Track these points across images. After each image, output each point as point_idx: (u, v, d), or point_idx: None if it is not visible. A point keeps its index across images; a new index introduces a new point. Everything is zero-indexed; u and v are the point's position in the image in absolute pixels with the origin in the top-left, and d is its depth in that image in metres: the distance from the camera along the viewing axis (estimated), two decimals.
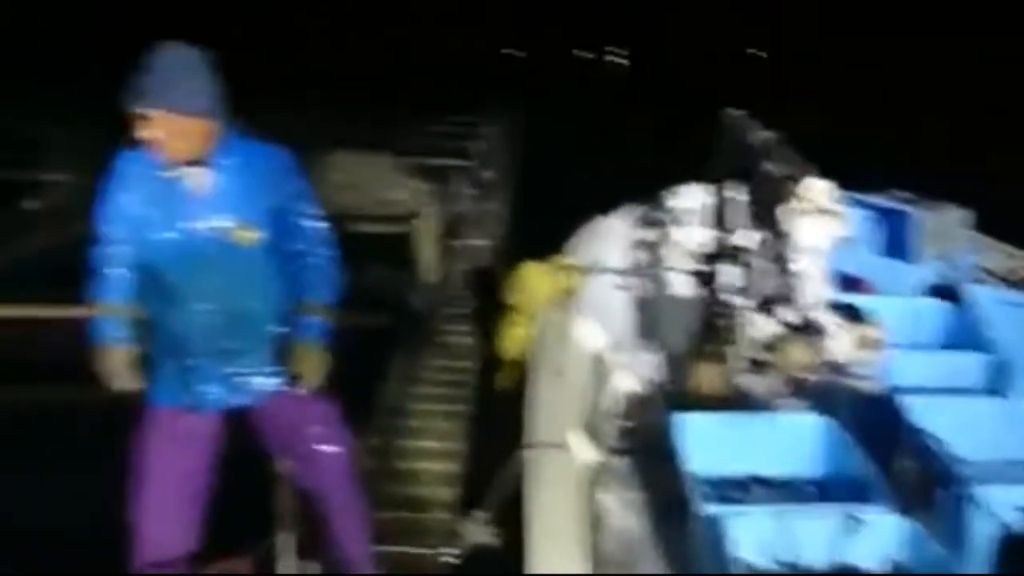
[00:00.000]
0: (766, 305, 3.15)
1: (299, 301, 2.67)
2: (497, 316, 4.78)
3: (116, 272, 2.74)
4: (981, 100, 21.45)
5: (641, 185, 5.23)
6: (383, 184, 10.73)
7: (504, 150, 16.13)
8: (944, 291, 4.19)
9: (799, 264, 3.01)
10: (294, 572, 3.13)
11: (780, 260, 3.04)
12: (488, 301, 6.49)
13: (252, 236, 2.60)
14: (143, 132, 2.49)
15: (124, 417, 2.88)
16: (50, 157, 11.70)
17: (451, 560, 3.60)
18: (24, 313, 7.02)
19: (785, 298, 3.00)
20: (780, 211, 3.04)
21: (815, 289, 3.02)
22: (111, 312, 2.73)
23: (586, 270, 4.23)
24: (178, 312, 2.67)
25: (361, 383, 5.46)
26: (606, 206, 5.05)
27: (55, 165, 11.62)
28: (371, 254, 9.78)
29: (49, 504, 4.02)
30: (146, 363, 2.80)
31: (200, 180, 2.57)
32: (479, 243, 9.31)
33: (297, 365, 2.58)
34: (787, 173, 3.04)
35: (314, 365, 2.60)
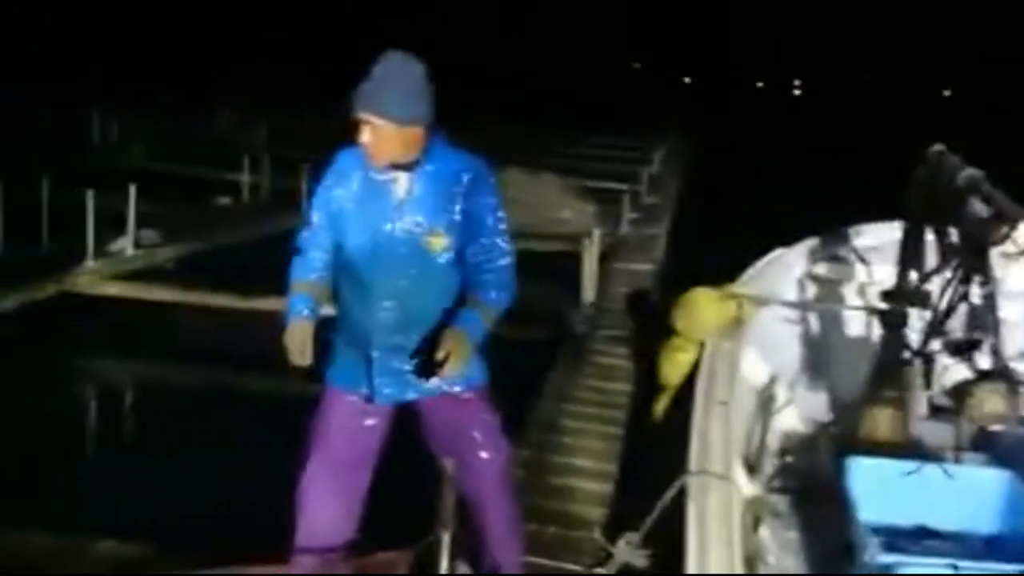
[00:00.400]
0: (960, 351, 3.00)
1: (468, 299, 2.72)
2: (657, 340, 4.75)
3: (313, 254, 2.86)
4: None
5: (817, 219, 5.11)
6: (551, 204, 10.88)
7: (671, 176, 16.04)
8: None
9: (1004, 310, 2.85)
10: (451, 572, 3.19)
11: (982, 305, 2.88)
12: (646, 325, 6.45)
13: (442, 242, 2.68)
14: (360, 135, 2.63)
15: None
16: (243, 160, 12.56)
17: None
18: (220, 302, 7.50)
19: (981, 344, 2.84)
20: (986, 253, 2.89)
21: (1017, 336, 2.86)
22: (302, 289, 2.83)
23: (758, 301, 4.15)
24: (364, 306, 2.79)
25: (517, 394, 5.54)
26: (776, 238, 4.95)
27: (247, 167, 12.49)
28: (535, 271, 9.91)
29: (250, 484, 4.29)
30: (331, 348, 2.94)
31: (402, 185, 2.68)
32: (641, 267, 9.26)
33: (444, 348, 2.55)
34: (996, 214, 2.89)
35: (459, 353, 2.55)
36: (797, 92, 34.62)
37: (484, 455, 2.97)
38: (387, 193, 2.69)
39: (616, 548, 3.49)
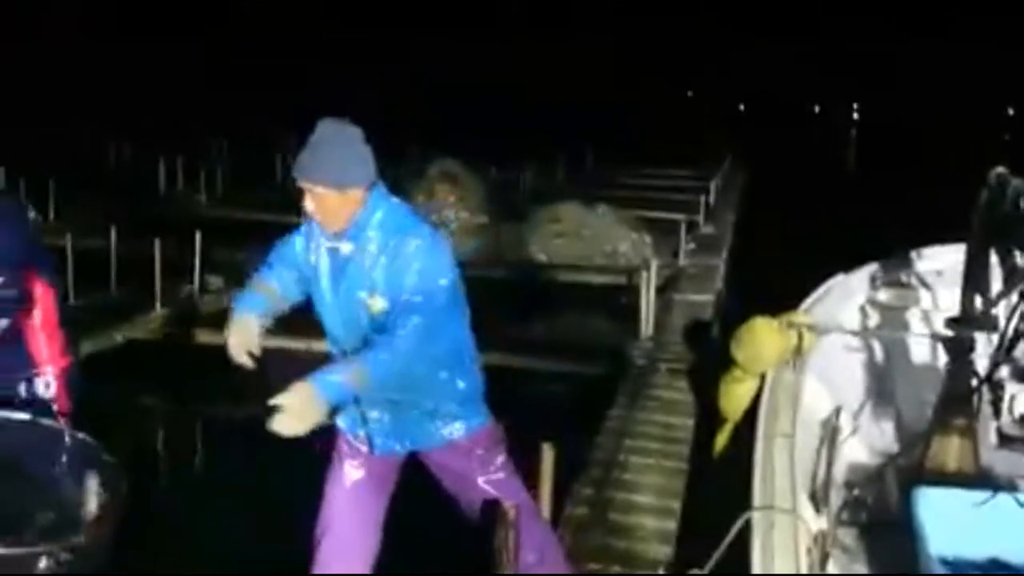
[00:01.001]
0: None
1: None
2: (717, 373, 4.70)
3: (277, 267, 2.91)
4: None
5: (876, 244, 5.03)
6: (607, 236, 10.89)
7: (728, 204, 15.91)
8: None
9: None
10: None
11: None
12: (706, 356, 6.38)
13: (380, 304, 2.70)
14: (303, 202, 2.70)
15: None
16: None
17: None
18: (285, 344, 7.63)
19: None
20: None
21: None
22: (256, 288, 2.89)
23: (819, 329, 4.09)
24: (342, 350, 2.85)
25: (578, 431, 5.51)
26: (837, 265, 4.88)
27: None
28: (592, 304, 9.96)
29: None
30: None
31: (345, 249, 2.73)
32: (699, 297, 9.18)
33: (283, 398, 2.44)
34: None
35: (295, 409, 2.44)
36: (856, 115, 34.16)
37: (494, 495, 2.96)
38: (334, 257, 2.77)
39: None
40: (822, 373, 4.00)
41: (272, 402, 2.41)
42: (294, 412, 2.43)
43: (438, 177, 11.58)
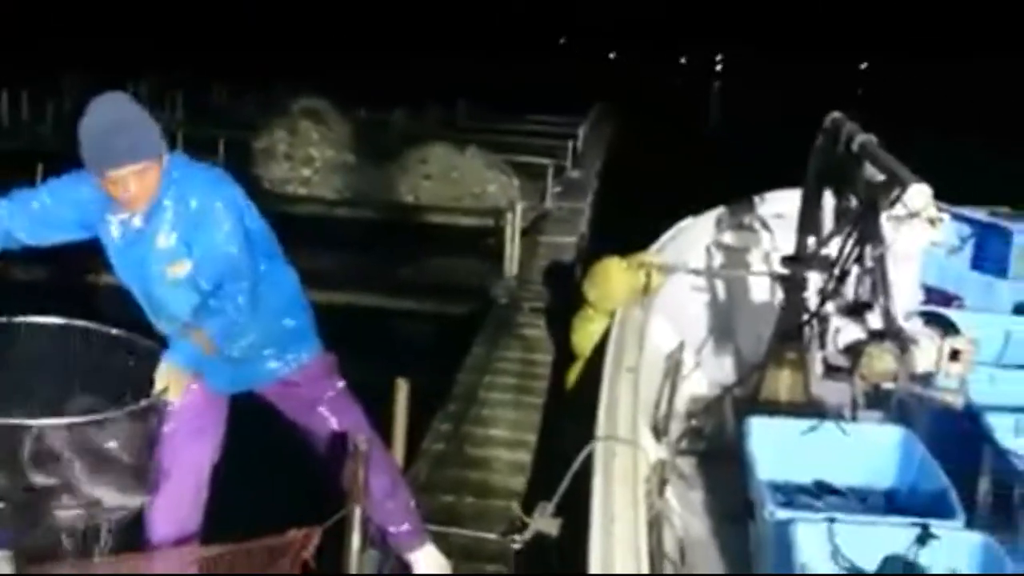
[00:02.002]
0: (854, 311, 3.08)
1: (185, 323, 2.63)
2: (573, 311, 4.79)
3: (14, 205, 2.66)
4: None
5: (733, 188, 5.20)
6: (475, 179, 10.88)
7: (595, 151, 16.12)
8: None
9: (893, 271, 2.92)
10: (363, 546, 3.19)
11: (874, 266, 2.96)
12: (566, 297, 6.51)
13: (183, 268, 2.62)
14: (111, 191, 2.54)
15: None
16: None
17: (516, 548, 3.61)
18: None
19: (874, 305, 2.92)
20: (878, 216, 2.97)
21: (906, 297, 2.94)
22: None
23: (667, 269, 4.21)
24: (157, 322, 2.76)
25: (439, 368, 5.55)
26: (694, 208, 5.03)
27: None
28: (459, 245, 9.98)
29: None
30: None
31: (139, 220, 2.61)
32: (564, 240, 9.32)
33: (159, 383, 2.43)
34: (888, 178, 2.96)
35: (175, 385, 2.45)
36: (719, 67, 35.09)
37: (337, 426, 2.98)
38: (126, 230, 2.65)
39: (532, 517, 3.53)
40: (669, 311, 4.14)
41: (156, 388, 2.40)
42: (174, 389, 2.43)
43: (301, 113, 11.24)
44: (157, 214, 2.60)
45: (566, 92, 21.57)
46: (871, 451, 3.10)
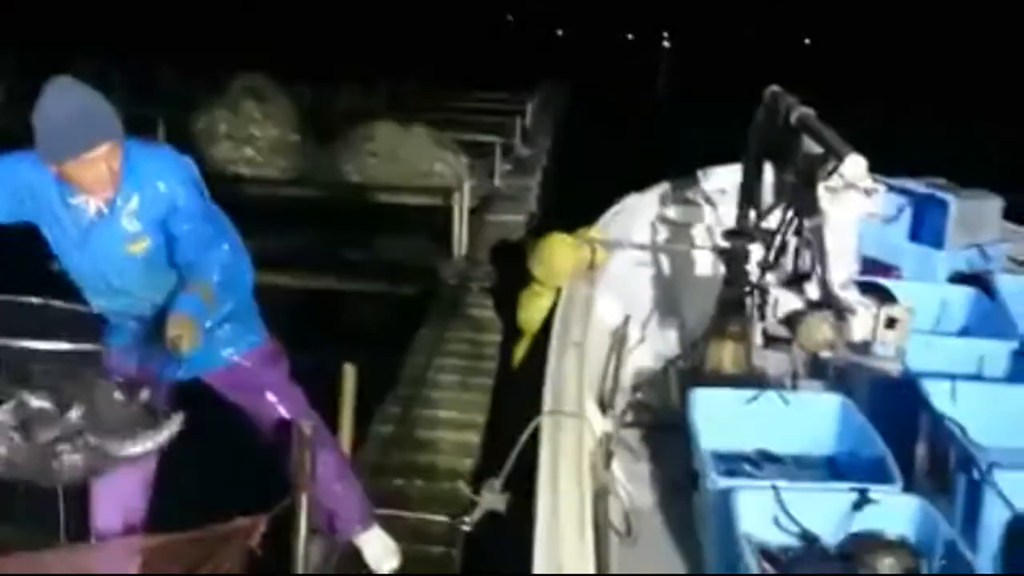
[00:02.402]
0: (793, 282, 3.12)
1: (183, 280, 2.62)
2: (521, 288, 4.80)
3: None
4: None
5: (681, 164, 5.23)
6: (422, 157, 10.79)
7: (544, 128, 16.10)
8: (973, 278, 4.14)
9: (830, 242, 2.97)
10: (310, 533, 3.18)
11: (811, 237, 2.99)
12: (515, 276, 6.52)
13: (144, 245, 2.63)
14: (72, 179, 2.52)
15: None
16: None
17: (466, 528, 3.62)
18: None
19: (812, 276, 2.96)
20: (815, 188, 3.00)
21: (843, 267, 2.98)
22: None
23: (612, 244, 4.23)
24: (104, 306, 2.71)
25: (387, 350, 5.52)
26: (643, 185, 5.05)
27: None
28: (407, 225, 9.90)
29: None
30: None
31: (94, 204, 2.60)
32: (513, 218, 9.31)
33: (172, 331, 2.45)
34: (824, 150, 3.00)
35: (190, 334, 2.46)
36: (666, 44, 35.26)
37: (284, 411, 2.97)
38: (80, 214, 2.62)
39: (480, 496, 3.55)
40: (614, 286, 4.16)
41: (169, 336, 2.41)
42: (191, 338, 2.44)
43: (243, 92, 11.03)
44: (121, 196, 2.59)
45: (514, 69, 21.50)
46: (811, 419, 3.16)
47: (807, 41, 33.96)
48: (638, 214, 4.64)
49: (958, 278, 4.23)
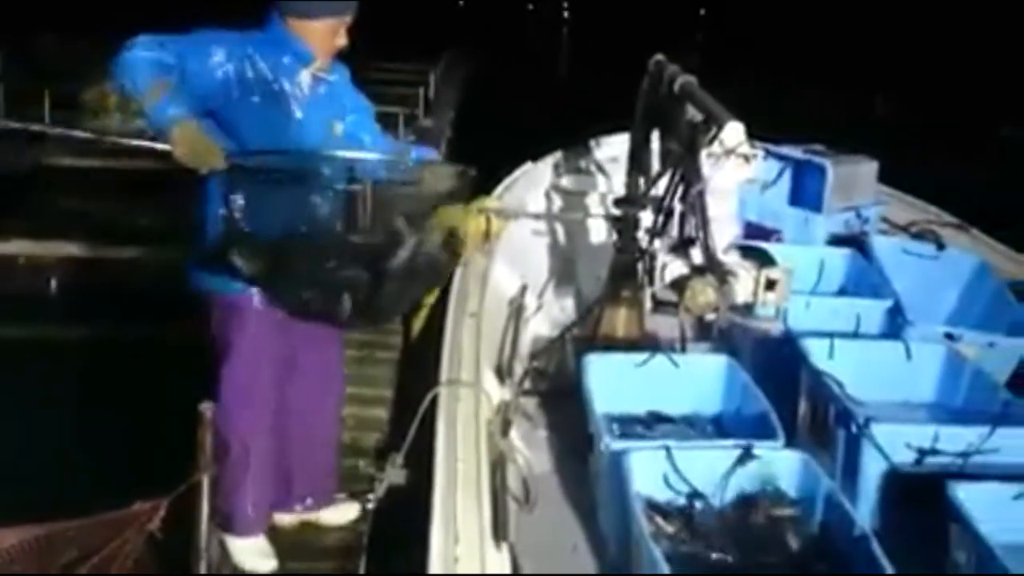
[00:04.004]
0: (679, 248, 3.21)
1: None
2: None
3: (165, 60, 2.66)
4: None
5: (583, 133, 5.29)
6: None
7: (447, 99, 16.01)
8: (850, 240, 4.33)
9: (713, 207, 3.05)
10: (211, 513, 3.15)
11: (695, 203, 3.08)
12: None
13: (339, 130, 2.98)
14: (333, 39, 2.87)
15: None
16: None
17: (369, 505, 3.63)
18: None
19: (697, 240, 3.05)
20: (697, 155, 3.08)
21: (725, 232, 3.09)
22: (167, 89, 2.64)
23: (507, 214, 4.25)
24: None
25: None
26: (539, 153, 5.09)
27: None
28: None
29: None
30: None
31: (331, 78, 2.97)
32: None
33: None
34: (705, 117, 3.08)
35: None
36: (566, 14, 35.34)
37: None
38: (317, 85, 2.94)
39: (384, 471, 3.56)
40: (511, 255, 4.20)
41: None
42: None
43: None
44: (335, 74, 2.96)
45: (416, 39, 21.27)
46: (699, 380, 3.27)
47: (702, 11, 34.61)
48: (533, 183, 4.69)
49: (836, 240, 4.41)
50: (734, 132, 2.89)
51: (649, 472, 2.71)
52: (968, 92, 17.22)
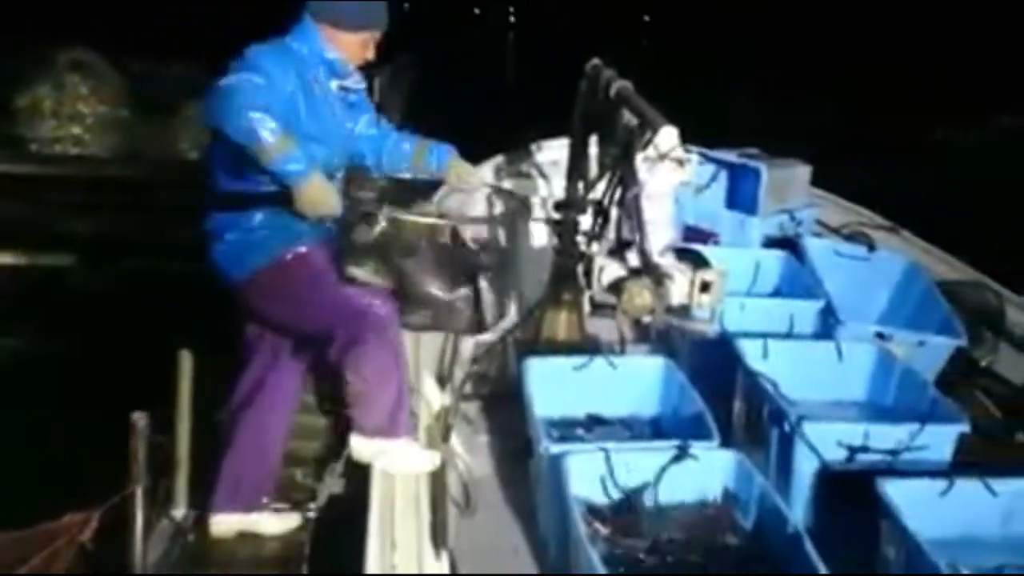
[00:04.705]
0: (616, 251, 3.24)
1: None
2: None
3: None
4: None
5: (519, 137, 5.30)
6: None
7: (393, 103, 15.92)
8: (784, 242, 4.41)
9: (647, 211, 3.08)
10: (147, 526, 3.11)
11: (631, 207, 3.11)
12: None
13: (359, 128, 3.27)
14: (362, 51, 3.05)
15: None
16: None
17: (311, 515, 3.59)
18: None
19: (633, 244, 3.08)
20: (633, 159, 3.11)
21: (660, 234, 3.12)
22: (292, 144, 2.75)
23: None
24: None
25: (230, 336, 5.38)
26: (480, 157, 5.09)
27: None
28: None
29: None
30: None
31: (356, 86, 3.19)
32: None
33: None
34: (641, 122, 3.11)
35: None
36: (512, 19, 35.43)
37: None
38: (345, 94, 3.15)
39: (323, 481, 3.54)
40: None
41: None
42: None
43: (69, 66, 10.46)
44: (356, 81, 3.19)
45: None
46: (637, 382, 3.29)
47: (647, 18, 34.99)
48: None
49: (771, 242, 4.49)
50: (668, 136, 2.92)
51: (587, 475, 2.72)
52: (904, 96, 17.61)
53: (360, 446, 3.02)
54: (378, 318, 2.99)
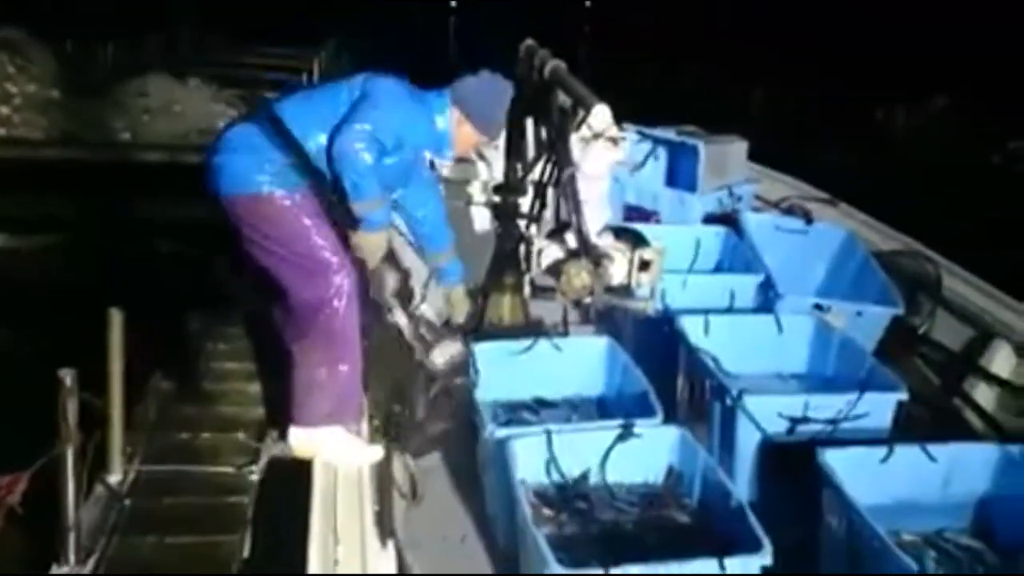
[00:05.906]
0: (555, 233, 3.23)
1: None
2: None
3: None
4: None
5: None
6: (203, 113, 10.22)
7: (331, 74, 15.68)
8: (724, 218, 4.44)
9: (583, 191, 3.07)
10: (77, 486, 3.01)
11: (568, 188, 3.09)
12: None
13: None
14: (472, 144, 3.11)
15: None
16: None
17: (253, 477, 3.55)
18: None
19: (569, 225, 3.07)
20: (567, 139, 3.09)
21: (597, 215, 3.10)
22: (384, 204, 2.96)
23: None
24: None
25: (173, 307, 5.29)
26: None
27: None
28: (186, 185, 9.38)
29: None
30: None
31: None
32: None
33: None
34: (574, 101, 3.09)
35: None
36: (454, 3, 35.20)
37: None
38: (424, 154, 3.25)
39: (264, 444, 3.49)
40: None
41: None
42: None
43: None
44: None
45: (301, 24, 20.82)
46: (581, 363, 3.30)
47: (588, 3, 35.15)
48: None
49: (711, 219, 4.52)
50: (601, 115, 2.91)
51: (532, 458, 2.73)
52: (847, 74, 17.84)
53: (299, 439, 2.98)
54: (342, 281, 3.01)
